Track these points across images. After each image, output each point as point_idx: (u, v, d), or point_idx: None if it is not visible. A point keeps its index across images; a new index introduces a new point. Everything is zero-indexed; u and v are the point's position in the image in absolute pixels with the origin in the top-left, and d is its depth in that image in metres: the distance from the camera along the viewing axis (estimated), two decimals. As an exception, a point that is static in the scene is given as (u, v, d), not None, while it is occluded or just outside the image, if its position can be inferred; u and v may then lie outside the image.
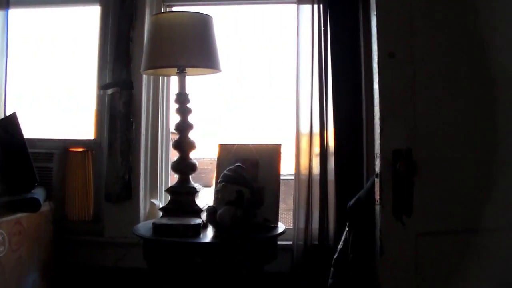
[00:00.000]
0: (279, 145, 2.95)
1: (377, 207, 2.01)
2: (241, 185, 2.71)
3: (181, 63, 2.81)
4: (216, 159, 2.97)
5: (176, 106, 3.06)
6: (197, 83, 3.24)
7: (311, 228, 3.05)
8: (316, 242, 3.02)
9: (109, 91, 3.25)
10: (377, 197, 2.02)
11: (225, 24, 3.18)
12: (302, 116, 3.17)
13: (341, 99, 3.04)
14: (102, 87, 3.30)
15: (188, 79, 3.06)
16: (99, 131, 3.40)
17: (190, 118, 3.05)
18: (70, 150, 3.29)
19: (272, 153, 2.91)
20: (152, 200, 3.37)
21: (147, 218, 3.33)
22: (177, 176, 3.05)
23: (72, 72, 3.45)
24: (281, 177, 2.91)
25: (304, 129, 3.16)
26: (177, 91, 3.05)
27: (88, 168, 3.25)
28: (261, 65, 3.38)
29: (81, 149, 3.30)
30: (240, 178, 2.77)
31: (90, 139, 3.42)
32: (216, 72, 3.02)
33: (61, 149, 3.31)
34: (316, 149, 3.12)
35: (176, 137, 3.04)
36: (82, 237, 3.29)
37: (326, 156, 3.10)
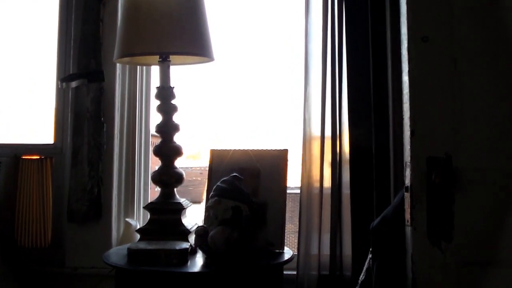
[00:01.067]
0: (286, 150, 2.96)
1: (408, 229, 2.00)
2: (238, 200, 2.74)
3: (164, 50, 2.82)
4: (207, 168, 2.97)
5: (158, 103, 3.08)
6: (184, 74, 3.28)
7: (322, 255, 3.09)
8: (327, 272, 3.04)
9: (73, 84, 3.22)
10: (407, 216, 2.01)
11: (220, 3, 3.22)
12: (311, 115, 3.17)
13: (359, 94, 3.03)
14: (64, 79, 3.28)
15: (173, 69, 3.07)
16: (60, 134, 3.38)
17: (175, 118, 3.07)
18: (23, 157, 3.26)
19: (277, 161, 2.92)
20: (127, 219, 3.37)
21: (121, 242, 3.32)
22: (159, 189, 3.07)
23: (26, 60, 3.42)
24: (288, 191, 2.93)
25: (314, 131, 3.17)
26: (159, 84, 3.06)
27: (45, 180, 3.22)
28: (263, 54, 3.38)
29: (36, 157, 3.27)
30: (237, 191, 2.79)
31: (49, 144, 3.41)
32: (208, 61, 3.03)
33: (11, 156, 3.28)
34: (329, 156, 3.13)
35: (158, 141, 3.07)
36: (38, 268, 3.24)
37: (341, 165, 3.10)
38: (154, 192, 3.12)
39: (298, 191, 3.23)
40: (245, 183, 2.86)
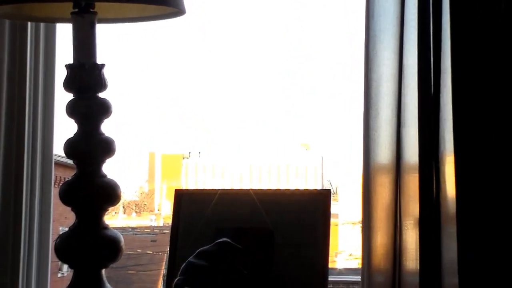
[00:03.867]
0: (327, 192, 2.71)
1: None
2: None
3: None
4: (166, 230, 3.07)
5: (71, 96, 2.67)
6: (123, 40, 2.98)
7: None
8: None
9: None
10: None
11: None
12: (380, 133, 2.97)
13: (469, 90, 2.84)
14: None
15: (103, 29, 2.73)
16: None
17: (106, 124, 2.77)
18: None
19: (308, 212, 2.68)
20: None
21: None
22: (69, 269, 2.70)
23: None
24: (332, 277, 2.95)
25: (383, 156, 2.96)
26: (71, 59, 2.67)
27: None
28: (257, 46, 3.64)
29: None
30: (229, 274, 2.51)
31: None
32: (173, 16, 2.65)
33: None
34: (415, 209, 2.89)
35: (66, 173, 2.83)
36: None
37: (439, 225, 2.84)
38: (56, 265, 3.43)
39: (354, 277, 3.28)
40: (245, 257, 2.58)
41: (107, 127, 3.13)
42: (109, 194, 2.65)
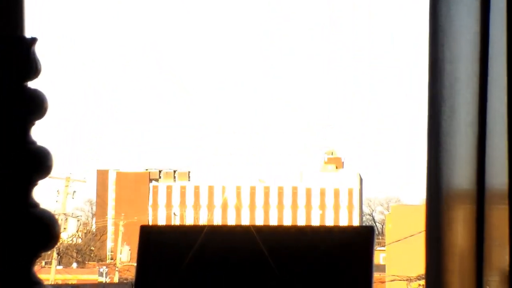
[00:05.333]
0: (368, 230, 3.00)
1: None
2: None
3: None
4: (128, 283, 3.39)
5: None
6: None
7: None
8: None
9: None
10: None
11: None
12: (454, 129, 3.26)
13: None
14: None
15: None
16: None
17: (37, 129, 3.12)
18: None
19: (340, 259, 2.96)
20: None
21: None
22: None
23: None
24: None
25: (460, 177, 3.22)
26: None
27: None
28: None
29: None
30: None
31: None
32: None
33: None
34: (501, 257, 3.23)
35: None
36: None
37: None
38: None
39: None
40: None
41: (39, 132, 3.13)
42: (39, 161, 2.96)
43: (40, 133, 3.23)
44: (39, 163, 3.06)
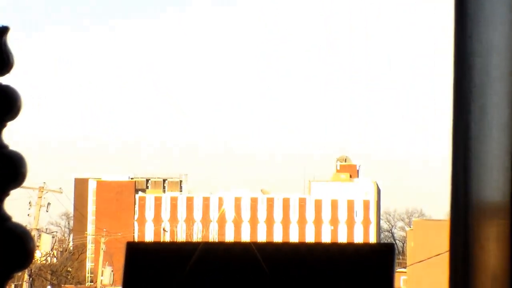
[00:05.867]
0: (389, 246, 3.11)
1: None
2: None
3: None
4: None
5: None
6: None
7: None
8: None
9: None
10: None
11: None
12: (485, 133, 3.21)
13: None
14: None
15: None
16: None
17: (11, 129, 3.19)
18: None
19: (358, 280, 3.03)
20: None
21: None
22: None
23: None
24: None
25: (492, 188, 3.17)
26: None
27: None
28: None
29: None
30: None
31: None
32: None
33: None
34: None
35: None
36: None
37: None
38: None
39: None
40: None
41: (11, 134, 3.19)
42: (12, 168, 3.03)
43: (12, 135, 3.19)
44: (12, 169, 3.04)
